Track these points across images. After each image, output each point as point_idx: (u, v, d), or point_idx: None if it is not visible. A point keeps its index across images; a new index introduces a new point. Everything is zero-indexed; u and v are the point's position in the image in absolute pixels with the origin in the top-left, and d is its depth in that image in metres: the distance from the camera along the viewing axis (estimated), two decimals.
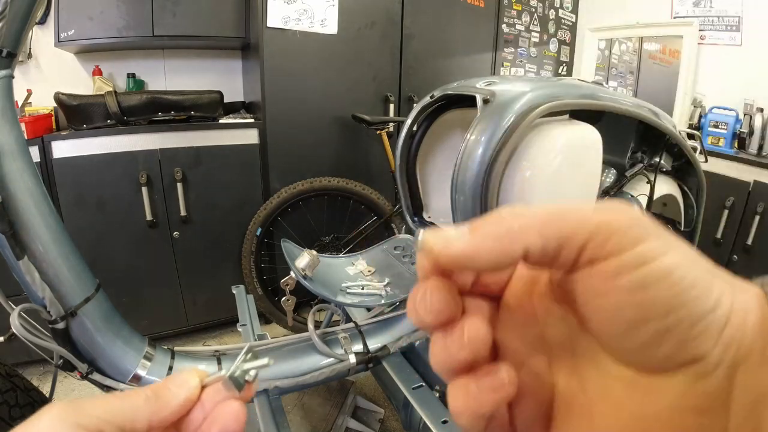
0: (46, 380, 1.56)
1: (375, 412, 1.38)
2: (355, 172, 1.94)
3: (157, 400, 0.21)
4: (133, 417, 0.21)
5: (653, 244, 0.15)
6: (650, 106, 0.87)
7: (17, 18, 0.59)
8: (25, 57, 1.67)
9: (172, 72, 1.98)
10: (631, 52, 2.81)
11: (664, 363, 0.15)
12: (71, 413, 0.19)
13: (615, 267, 0.15)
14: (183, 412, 0.22)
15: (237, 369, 0.23)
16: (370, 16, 1.88)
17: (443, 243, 0.17)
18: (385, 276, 0.92)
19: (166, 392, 0.22)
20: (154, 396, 0.22)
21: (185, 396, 0.22)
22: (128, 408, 0.21)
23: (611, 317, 0.16)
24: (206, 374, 0.23)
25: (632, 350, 0.16)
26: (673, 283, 0.15)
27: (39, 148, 1.41)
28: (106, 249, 1.58)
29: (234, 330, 1.91)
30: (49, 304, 0.65)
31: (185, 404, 0.22)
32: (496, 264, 0.17)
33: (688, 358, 0.15)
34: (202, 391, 0.23)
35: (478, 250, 0.16)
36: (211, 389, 0.23)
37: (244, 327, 1.05)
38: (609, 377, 0.17)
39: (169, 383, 0.23)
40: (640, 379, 0.16)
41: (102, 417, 0.20)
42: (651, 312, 0.15)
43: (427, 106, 0.90)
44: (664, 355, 0.15)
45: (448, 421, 0.72)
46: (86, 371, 0.69)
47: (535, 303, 0.20)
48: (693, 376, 0.15)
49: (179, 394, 0.22)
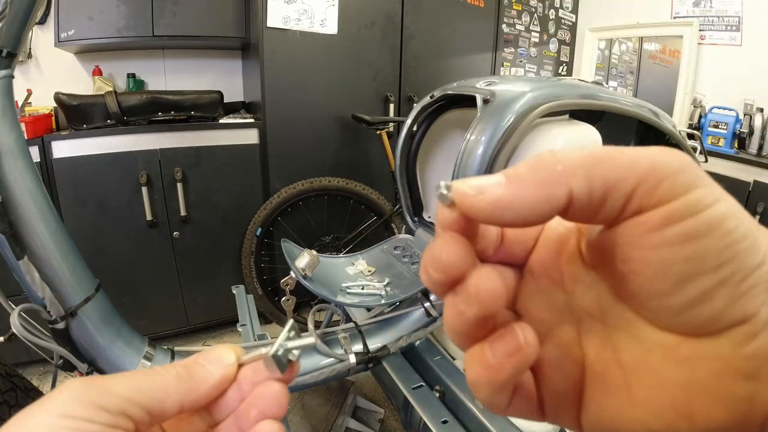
0: (46, 380, 1.56)
1: (375, 412, 1.38)
2: (355, 172, 1.94)
3: (189, 379, 0.19)
4: (163, 397, 0.18)
5: (704, 191, 0.14)
6: (650, 106, 0.87)
7: (17, 18, 0.59)
8: (25, 57, 1.67)
9: (172, 72, 1.98)
10: (631, 52, 2.81)
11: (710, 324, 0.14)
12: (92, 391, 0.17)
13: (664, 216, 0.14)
14: (218, 393, 0.20)
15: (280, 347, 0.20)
16: (370, 16, 1.88)
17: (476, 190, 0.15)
18: (385, 276, 0.92)
19: (199, 369, 0.20)
20: (186, 373, 0.19)
21: (221, 374, 0.20)
22: (157, 387, 0.18)
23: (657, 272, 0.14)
24: (243, 351, 0.21)
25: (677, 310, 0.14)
26: (724, 234, 0.14)
27: (39, 148, 1.41)
28: (106, 249, 1.58)
29: (234, 330, 1.91)
30: (49, 304, 0.65)
31: (221, 384, 0.20)
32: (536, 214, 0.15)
33: (736, 317, 0.14)
34: (239, 370, 0.21)
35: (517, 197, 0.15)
36: (248, 368, 0.21)
37: (244, 327, 1.05)
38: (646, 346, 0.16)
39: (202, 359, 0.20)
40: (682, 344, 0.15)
41: (127, 396, 0.17)
42: (702, 265, 0.14)
43: (427, 106, 0.90)
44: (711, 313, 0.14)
45: (448, 421, 0.72)
46: (86, 371, 0.69)
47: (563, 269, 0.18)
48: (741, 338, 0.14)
49: (214, 372, 0.20)
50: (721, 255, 0.14)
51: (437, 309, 0.87)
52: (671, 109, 2.40)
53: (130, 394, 0.18)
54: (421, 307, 0.88)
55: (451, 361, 0.87)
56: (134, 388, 0.18)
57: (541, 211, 0.15)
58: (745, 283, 0.14)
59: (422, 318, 0.88)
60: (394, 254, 1.00)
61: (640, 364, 0.16)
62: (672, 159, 0.14)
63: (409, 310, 0.89)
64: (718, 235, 0.14)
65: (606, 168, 0.14)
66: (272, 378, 0.20)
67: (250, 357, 0.21)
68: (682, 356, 0.15)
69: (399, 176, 0.95)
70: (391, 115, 2.01)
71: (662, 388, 0.15)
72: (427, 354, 0.89)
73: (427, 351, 0.90)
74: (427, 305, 0.87)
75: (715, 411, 0.14)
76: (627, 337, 0.16)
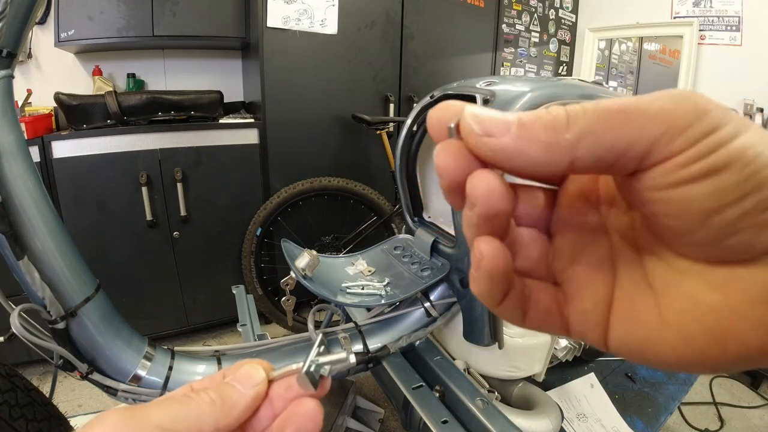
0: (46, 380, 1.56)
1: (375, 412, 1.38)
2: (355, 172, 1.94)
3: (222, 403, 0.19)
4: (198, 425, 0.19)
5: (724, 131, 0.14)
6: None
7: (17, 18, 0.59)
8: (25, 57, 1.67)
9: (172, 72, 1.98)
10: (631, 52, 2.81)
11: (742, 253, 0.14)
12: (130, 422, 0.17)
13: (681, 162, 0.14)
14: (251, 413, 0.20)
15: (312, 364, 0.20)
16: (370, 16, 1.88)
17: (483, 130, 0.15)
18: (385, 276, 0.92)
19: (231, 392, 0.20)
20: (219, 399, 0.19)
21: (253, 395, 0.20)
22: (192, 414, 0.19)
23: (682, 210, 0.14)
24: (271, 367, 0.21)
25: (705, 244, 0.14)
26: (744, 165, 0.13)
27: (39, 148, 1.41)
28: (106, 249, 1.58)
29: (234, 330, 1.91)
30: (49, 304, 0.64)
31: (253, 404, 0.20)
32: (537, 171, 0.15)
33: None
34: (269, 387, 0.21)
35: (521, 151, 0.15)
36: (279, 384, 0.21)
37: (244, 327, 1.05)
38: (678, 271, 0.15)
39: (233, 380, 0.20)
40: (715, 270, 0.15)
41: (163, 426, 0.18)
42: (724, 198, 0.13)
43: (427, 106, 0.90)
44: (741, 244, 0.14)
45: (448, 421, 0.72)
46: (86, 371, 0.69)
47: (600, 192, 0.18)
48: None
49: (246, 394, 0.20)
50: (741, 187, 0.13)
51: (437, 309, 0.87)
52: None
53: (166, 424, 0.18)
54: (421, 307, 0.88)
55: (451, 361, 0.87)
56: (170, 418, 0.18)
57: (541, 171, 0.15)
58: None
59: (422, 318, 0.88)
60: (394, 254, 1.00)
61: (672, 286, 0.15)
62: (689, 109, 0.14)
63: (409, 310, 0.89)
64: (737, 168, 0.13)
65: (616, 134, 0.14)
66: (305, 395, 0.20)
67: (281, 373, 0.21)
68: (717, 280, 0.14)
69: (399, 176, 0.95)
70: (391, 115, 2.01)
71: (695, 311, 0.15)
72: (427, 354, 0.89)
73: (427, 351, 0.90)
74: (427, 305, 0.87)
75: (749, 337, 0.14)
76: (659, 262, 0.16)
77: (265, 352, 0.82)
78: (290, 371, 0.21)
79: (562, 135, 0.14)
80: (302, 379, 0.20)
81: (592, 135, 0.14)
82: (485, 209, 0.15)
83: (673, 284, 0.15)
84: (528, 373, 0.99)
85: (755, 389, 1.67)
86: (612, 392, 1.07)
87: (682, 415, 1.51)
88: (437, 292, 0.88)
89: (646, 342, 0.16)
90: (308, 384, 0.20)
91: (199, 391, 0.20)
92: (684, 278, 0.15)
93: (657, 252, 0.16)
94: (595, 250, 0.18)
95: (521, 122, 0.15)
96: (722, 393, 1.64)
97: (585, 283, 0.18)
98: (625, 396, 1.08)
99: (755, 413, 1.55)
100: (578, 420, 1.02)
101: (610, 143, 0.14)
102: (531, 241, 0.19)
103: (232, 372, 0.21)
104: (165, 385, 0.72)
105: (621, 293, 0.17)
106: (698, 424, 1.47)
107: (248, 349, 0.82)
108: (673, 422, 1.48)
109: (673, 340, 0.15)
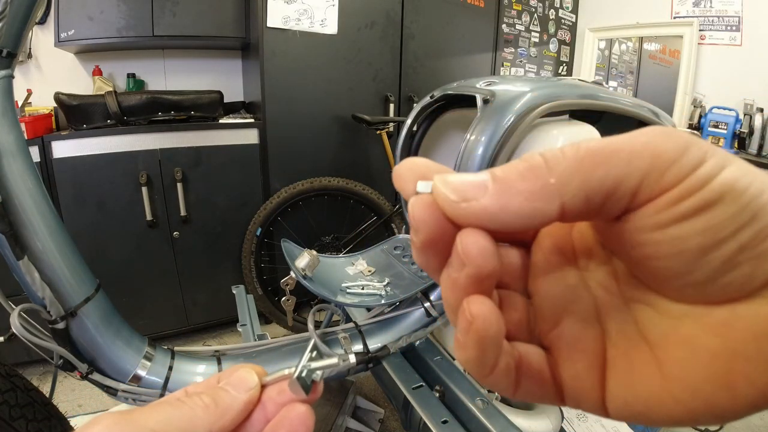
0: (46, 380, 1.56)
1: (375, 412, 1.38)
2: (355, 172, 1.94)
3: (216, 408, 0.19)
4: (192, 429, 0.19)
5: (710, 163, 0.13)
6: (650, 106, 0.87)
7: (17, 18, 0.59)
8: (25, 57, 1.67)
9: (172, 72, 1.98)
10: (631, 52, 2.81)
11: (741, 289, 0.13)
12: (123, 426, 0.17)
13: (672, 198, 0.13)
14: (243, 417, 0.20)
15: (304, 369, 0.20)
16: (370, 16, 1.88)
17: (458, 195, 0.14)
18: (385, 276, 0.92)
19: (224, 396, 0.20)
20: (212, 403, 0.19)
21: (246, 400, 0.20)
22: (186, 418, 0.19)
23: (673, 252, 0.13)
24: (264, 372, 0.21)
25: (702, 284, 0.13)
26: (736, 196, 0.13)
27: (39, 148, 1.41)
28: (106, 249, 1.58)
29: (234, 330, 1.91)
30: (49, 304, 0.64)
31: (246, 409, 0.20)
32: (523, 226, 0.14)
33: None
34: (262, 391, 0.21)
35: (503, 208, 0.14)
36: (272, 389, 0.21)
37: (244, 327, 1.05)
38: (674, 317, 0.15)
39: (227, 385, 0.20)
40: (713, 311, 0.14)
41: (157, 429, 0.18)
42: (719, 233, 0.13)
43: (427, 106, 0.90)
44: (740, 279, 0.13)
45: (448, 421, 0.72)
46: (86, 371, 0.69)
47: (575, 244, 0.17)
48: None
49: (239, 399, 0.20)
50: (736, 219, 0.13)
51: (437, 309, 0.87)
52: (671, 109, 2.40)
53: (159, 427, 0.18)
54: (421, 307, 0.88)
55: (451, 361, 0.87)
56: (163, 421, 0.18)
57: (530, 224, 0.14)
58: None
59: (422, 318, 0.88)
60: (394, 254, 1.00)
61: (669, 336, 0.15)
62: (674, 143, 0.14)
63: (409, 310, 0.89)
64: (730, 200, 0.13)
65: (604, 171, 0.13)
66: (297, 399, 0.20)
67: (273, 378, 0.21)
68: (716, 322, 0.14)
69: None
70: (391, 115, 2.01)
71: (697, 358, 0.14)
72: (427, 354, 0.89)
73: (427, 351, 0.90)
74: (427, 305, 0.87)
75: (757, 376, 0.13)
76: (650, 311, 0.15)
77: (265, 352, 0.82)
78: (283, 376, 0.21)
79: (545, 180, 0.14)
80: (294, 384, 0.20)
81: (579, 174, 0.14)
82: (477, 270, 0.14)
83: (670, 332, 0.15)
84: None
85: None
86: None
87: None
88: (437, 292, 0.88)
89: (650, 400, 0.15)
90: (300, 389, 0.20)
91: (193, 395, 0.20)
92: (680, 324, 0.14)
93: (647, 300, 0.15)
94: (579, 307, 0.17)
95: (495, 177, 0.14)
96: None
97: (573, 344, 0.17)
98: None
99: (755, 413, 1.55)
100: (578, 420, 1.02)
101: (598, 181, 0.13)
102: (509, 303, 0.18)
103: (226, 377, 0.21)
104: (165, 385, 0.72)
105: (614, 350, 0.16)
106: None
107: (248, 349, 0.82)
108: None
109: (679, 394, 0.14)
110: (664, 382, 0.14)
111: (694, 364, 0.14)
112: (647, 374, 0.15)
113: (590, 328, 0.16)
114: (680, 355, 0.14)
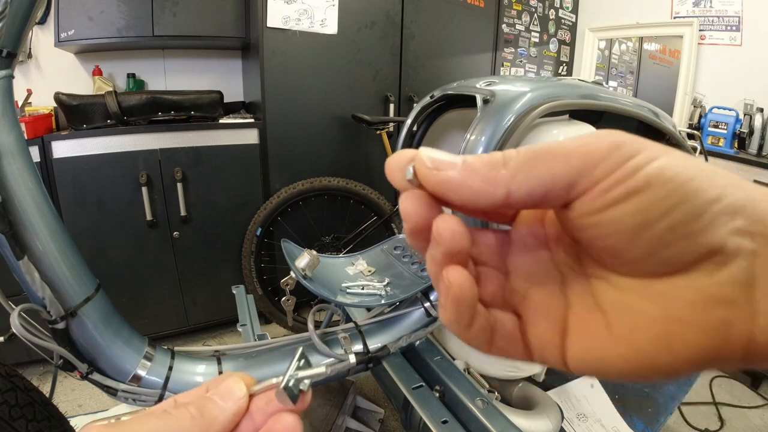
0: (46, 380, 1.56)
1: (375, 412, 1.38)
2: (355, 172, 1.94)
3: (203, 419, 0.19)
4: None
5: (641, 157, 0.15)
6: (650, 106, 0.87)
7: (17, 18, 0.59)
8: (25, 57, 1.67)
9: (172, 72, 1.98)
10: (631, 52, 2.81)
11: (676, 263, 0.15)
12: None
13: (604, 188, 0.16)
14: (231, 428, 0.20)
15: (291, 378, 0.20)
16: (370, 16, 1.88)
17: (433, 164, 0.17)
18: (385, 276, 0.92)
19: (211, 407, 0.20)
20: (199, 414, 0.19)
21: (233, 410, 0.20)
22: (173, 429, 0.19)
23: (612, 231, 0.16)
24: (253, 380, 0.21)
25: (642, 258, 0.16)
26: (667, 180, 0.15)
27: (39, 148, 1.41)
28: (106, 249, 1.58)
29: (234, 330, 1.91)
30: (49, 304, 0.64)
31: (233, 419, 0.20)
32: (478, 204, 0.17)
33: (702, 252, 0.15)
34: (251, 401, 0.21)
35: (464, 184, 0.17)
36: (260, 399, 0.21)
37: (244, 327, 1.05)
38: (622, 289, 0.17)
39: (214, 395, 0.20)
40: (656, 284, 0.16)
41: None
42: (651, 214, 0.15)
43: (427, 106, 0.90)
44: (674, 255, 0.15)
45: (448, 421, 0.72)
46: (86, 371, 0.69)
47: (546, 230, 0.20)
48: (711, 268, 0.15)
49: (226, 409, 0.20)
50: (664, 202, 0.15)
51: (437, 309, 0.87)
52: (671, 109, 2.40)
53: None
54: (421, 307, 0.88)
55: (451, 361, 0.87)
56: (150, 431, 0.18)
57: (484, 203, 0.17)
58: (700, 220, 0.15)
59: (422, 318, 0.88)
60: (394, 254, 1.00)
61: (618, 304, 0.17)
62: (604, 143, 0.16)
63: (409, 310, 0.89)
64: (658, 186, 0.15)
65: (543, 168, 0.16)
66: (284, 409, 0.20)
67: (261, 387, 0.21)
68: (657, 292, 0.16)
69: None
70: (391, 115, 2.01)
71: (641, 324, 0.16)
72: (427, 354, 0.89)
73: (427, 351, 0.90)
74: (427, 305, 0.87)
75: (693, 338, 0.15)
76: (604, 284, 0.18)
77: (264, 352, 0.82)
78: (271, 385, 0.21)
79: (498, 170, 0.17)
80: (281, 394, 0.20)
81: (523, 171, 0.16)
82: (449, 247, 0.17)
83: (619, 302, 0.17)
84: (528, 373, 0.99)
85: (755, 389, 1.67)
86: (612, 392, 1.07)
87: (682, 415, 1.51)
88: None
89: (602, 358, 0.17)
90: (287, 399, 0.20)
91: (180, 406, 0.20)
92: (627, 295, 0.17)
93: (602, 275, 0.18)
94: (546, 280, 0.20)
95: (465, 161, 0.17)
96: (722, 393, 1.64)
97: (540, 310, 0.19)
98: (625, 396, 1.08)
99: (755, 413, 1.55)
100: (578, 420, 1.02)
101: (538, 177, 0.16)
102: (488, 277, 0.20)
103: (215, 386, 0.21)
104: (165, 385, 0.72)
105: (574, 317, 0.19)
106: (698, 424, 1.47)
107: (248, 349, 0.82)
108: (673, 422, 1.48)
109: (625, 353, 0.16)
110: (613, 344, 0.17)
111: (639, 328, 0.16)
112: (600, 336, 0.17)
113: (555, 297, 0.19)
114: (627, 320, 0.16)
